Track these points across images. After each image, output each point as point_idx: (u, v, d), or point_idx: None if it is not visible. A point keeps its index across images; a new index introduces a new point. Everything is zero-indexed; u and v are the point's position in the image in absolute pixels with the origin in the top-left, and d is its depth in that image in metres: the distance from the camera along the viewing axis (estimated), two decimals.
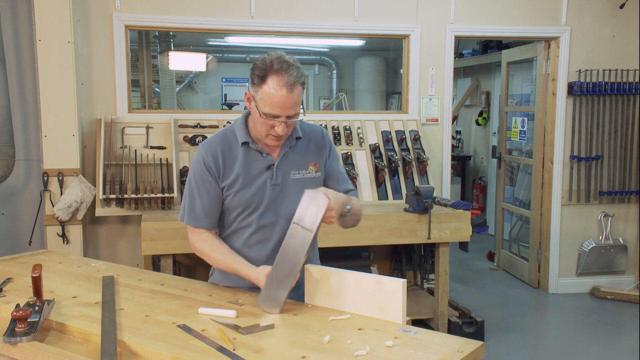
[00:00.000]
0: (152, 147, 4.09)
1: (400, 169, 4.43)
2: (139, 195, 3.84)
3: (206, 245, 2.02)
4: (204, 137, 4.18)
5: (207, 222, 2.02)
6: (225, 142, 1.99)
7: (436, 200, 3.92)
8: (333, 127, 4.46)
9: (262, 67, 1.81)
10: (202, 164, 1.97)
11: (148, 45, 6.00)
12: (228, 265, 1.99)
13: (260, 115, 1.84)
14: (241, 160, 1.97)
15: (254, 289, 2.00)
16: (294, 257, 1.79)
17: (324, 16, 4.52)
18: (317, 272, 1.85)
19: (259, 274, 1.88)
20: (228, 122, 4.28)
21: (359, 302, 1.73)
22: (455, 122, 8.12)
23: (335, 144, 4.34)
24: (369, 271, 4.42)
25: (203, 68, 7.53)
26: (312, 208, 1.78)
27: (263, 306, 1.83)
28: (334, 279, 1.82)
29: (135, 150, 4.04)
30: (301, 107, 1.90)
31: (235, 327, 1.65)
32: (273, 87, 1.79)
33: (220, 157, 1.96)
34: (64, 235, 3.90)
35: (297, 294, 1.95)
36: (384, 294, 1.73)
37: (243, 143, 1.97)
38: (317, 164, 2.05)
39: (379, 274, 4.45)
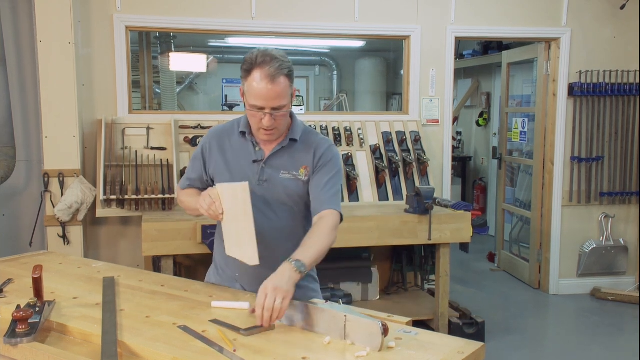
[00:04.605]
0: (152, 148, 4.09)
1: (400, 169, 4.43)
2: (139, 196, 3.84)
3: (185, 191, 2.18)
4: None
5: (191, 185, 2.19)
6: (229, 130, 2.11)
7: (437, 201, 3.93)
8: (334, 128, 4.45)
9: (249, 61, 1.91)
10: (201, 147, 2.14)
11: (149, 46, 6.00)
12: (191, 203, 2.08)
13: (247, 108, 1.94)
14: (234, 148, 2.07)
15: (252, 289, 2.00)
16: (243, 211, 1.84)
17: (325, 17, 4.52)
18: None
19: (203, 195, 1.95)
20: None
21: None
22: (455, 123, 8.12)
23: (336, 145, 4.32)
24: (370, 272, 4.42)
25: (204, 69, 7.53)
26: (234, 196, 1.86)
27: (244, 260, 1.87)
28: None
29: (136, 151, 4.04)
30: (296, 99, 1.96)
31: (236, 328, 1.66)
32: (256, 79, 1.89)
33: (215, 145, 2.09)
34: (64, 236, 3.90)
35: (298, 293, 1.94)
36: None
37: (241, 132, 2.07)
38: (308, 167, 2.09)
39: (380, 274, 4.48)
